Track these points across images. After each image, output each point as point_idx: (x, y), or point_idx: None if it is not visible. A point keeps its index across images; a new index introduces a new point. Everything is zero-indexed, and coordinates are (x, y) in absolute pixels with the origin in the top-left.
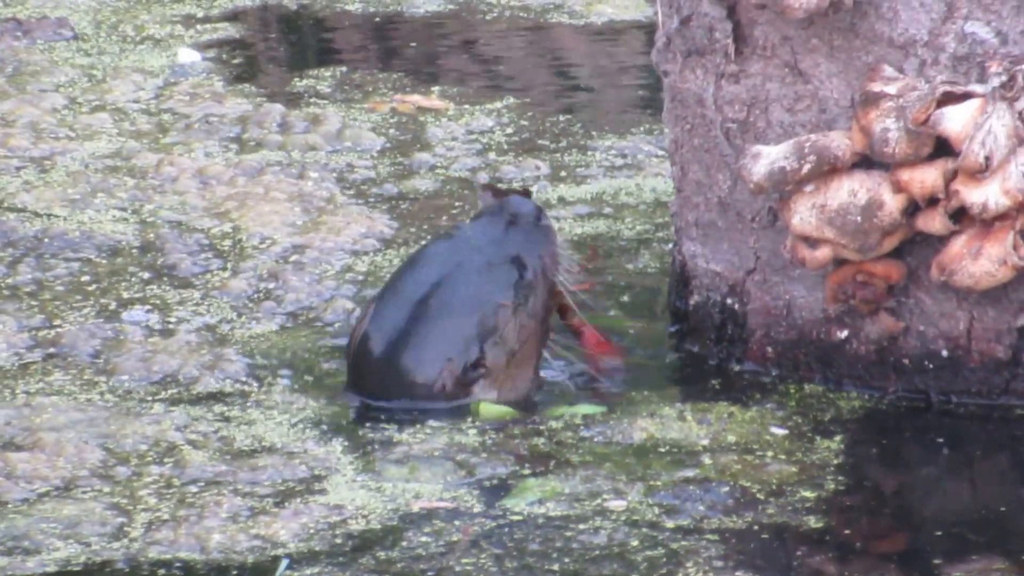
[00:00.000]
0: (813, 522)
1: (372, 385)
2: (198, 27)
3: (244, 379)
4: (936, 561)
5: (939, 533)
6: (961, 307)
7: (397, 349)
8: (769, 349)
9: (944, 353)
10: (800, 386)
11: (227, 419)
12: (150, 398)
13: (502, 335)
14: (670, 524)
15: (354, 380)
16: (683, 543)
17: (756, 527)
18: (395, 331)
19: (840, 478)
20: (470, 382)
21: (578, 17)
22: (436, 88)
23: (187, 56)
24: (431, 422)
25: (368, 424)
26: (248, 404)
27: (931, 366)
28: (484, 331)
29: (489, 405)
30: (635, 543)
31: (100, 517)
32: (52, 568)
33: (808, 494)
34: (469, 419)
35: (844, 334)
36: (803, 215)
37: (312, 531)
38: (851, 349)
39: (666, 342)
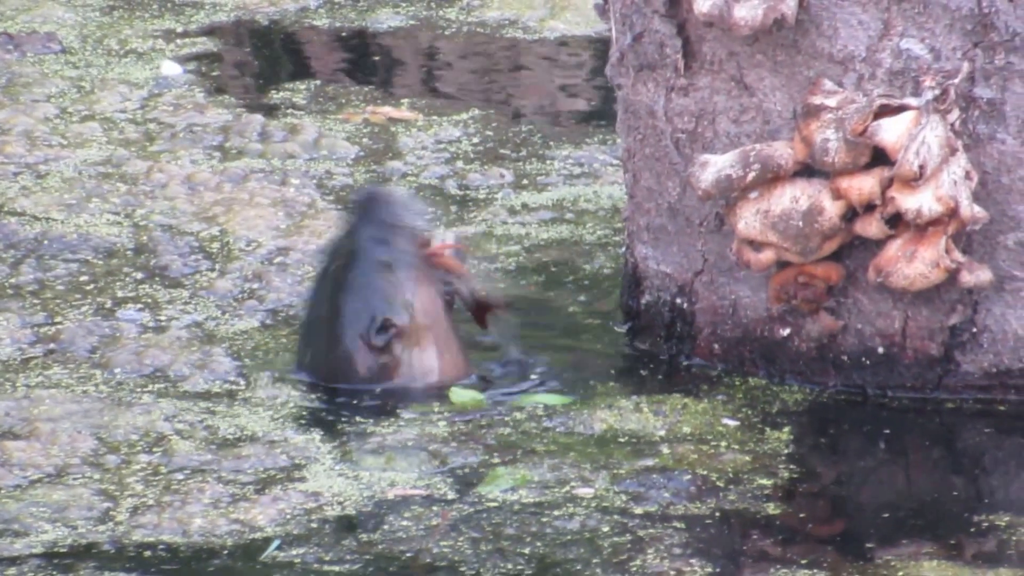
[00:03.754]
0: (771, 509)
1: (321, 374)
2: (178, 41)
3: (230, 374)
4: (869, 545)
5: (884, 516)
6: (896, 307)
7: (323, 347)
8: (716, 346)
9: (880, 350)
10: (745, 380)
11: (212, 411)
12: (139, 389)
13: (390, 292)
14: (638, 510)
15: (303, 363)
16: (651, 530)
17: (719, 514)
18: (316, 330)
19: (792, 467)
20: (387, 344)
21: (532, 32)
22: (405, 100)
23: (170, 68)
24: (404, 414)
25: (344, 415)
26: (233, 397)
27: (868, 362)
28: (375, 295)
29: (460, 391)
30: (605, 529)
31: (88, 502)
32: (39, 550)
33: (764, 482)
34: (439, 410)
35: (786, 332)
36: (748, 220)
37: (290, 516)
38: (793, 346)
39: (619, 339)
